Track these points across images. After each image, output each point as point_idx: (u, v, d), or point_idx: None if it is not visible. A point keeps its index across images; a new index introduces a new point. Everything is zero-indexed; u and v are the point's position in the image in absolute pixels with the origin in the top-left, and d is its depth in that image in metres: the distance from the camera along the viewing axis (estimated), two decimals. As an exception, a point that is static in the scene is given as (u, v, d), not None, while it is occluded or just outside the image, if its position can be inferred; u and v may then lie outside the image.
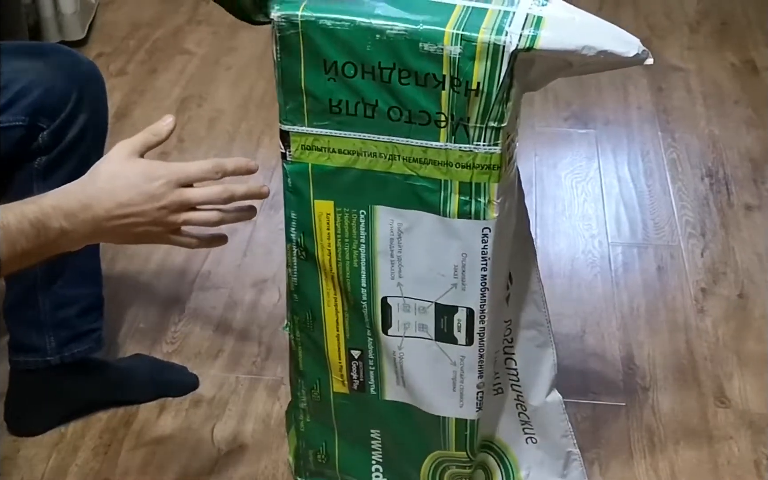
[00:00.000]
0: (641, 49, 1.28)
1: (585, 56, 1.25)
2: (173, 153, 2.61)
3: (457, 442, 1.55)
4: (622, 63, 1.28)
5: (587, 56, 1.25)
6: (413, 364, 1.49)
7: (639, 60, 1.28)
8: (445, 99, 1.29)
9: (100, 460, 1.80)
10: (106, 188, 1.26)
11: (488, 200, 1.34)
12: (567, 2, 1.33)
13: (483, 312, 1.43)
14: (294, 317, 1.53)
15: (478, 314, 1.43)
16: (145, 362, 1.98)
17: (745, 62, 3.02)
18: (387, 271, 1.44)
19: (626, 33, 1.29)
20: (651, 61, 1.29)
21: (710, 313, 2.12)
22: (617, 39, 1.28)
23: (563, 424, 1.62)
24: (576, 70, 1.32)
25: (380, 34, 1.27)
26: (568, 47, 1.25)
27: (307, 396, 1.59)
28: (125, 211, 1.26)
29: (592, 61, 1.27)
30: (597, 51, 1.25)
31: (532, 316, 1.55)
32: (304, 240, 1.45)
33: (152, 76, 2.95)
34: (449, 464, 1.58)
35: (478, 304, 1.42)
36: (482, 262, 1.39)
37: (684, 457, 1.81)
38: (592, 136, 2.71)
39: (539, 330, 1.56)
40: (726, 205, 2.43)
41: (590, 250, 2.30)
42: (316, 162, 1.38)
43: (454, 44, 1.25)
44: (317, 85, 1.33)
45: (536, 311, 1.55)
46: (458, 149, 1.32)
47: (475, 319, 1.44)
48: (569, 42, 1.25)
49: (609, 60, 1.27)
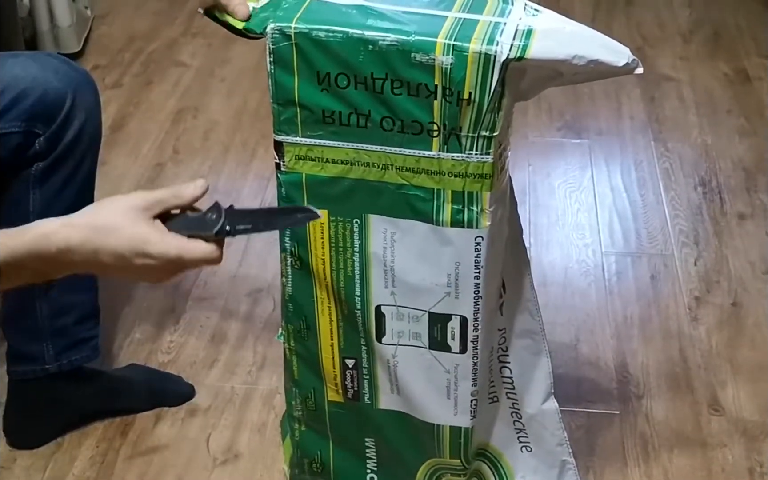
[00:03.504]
0: (631, 58, 1.29)
1: (575, 66, 1.26)
2: (168, 164, 2.62)
3: (452, 450, 1.55)
4: (613, 72, 1.29)
5: (577, 66, 1.26)
6: (407, 372, 1.50)
7: (629, 69, 1.29)
8: (437, 109, 1.30)
9: (97, 469, 1.81)
10: (104, 239, 1.18)
11: (481, 209, 1.35)
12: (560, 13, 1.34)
13: (477, 320, 1.44)
14: (288, 326, 1.54)
15: (472, 322, 1.44)
16: (141, 372, 1.99)
17: (737, 72, 3.03)
18: (380, 280, 1.44)
19: (616, 42, 1.30)
20: (641, 70, 1.30)
21: (704, 321, 2.13)
22: (607, 48, 1.29)
23: (559, 432, 1.63)
24: (566, 80, 1.33)
25: (373, 45, 1.28)
26: (559, 57, 1.26)
27: (302, 405, 1.60)
28: (120, 264, 1.20)
29: (583, 70, 1.27)
30: (587, 60, 1.26)
31: (526, 325, 1.56)
32: (298, 249, 1.46)
33: (147, 88, 2.96)
34: (444, 472, 1.59)
35: (472, 312, 1.43)
36: (475, 271, 1.40)
37: (678, 465, 1.81)
38: (585, 146, 2.72)
39: (533, 338, 1.57)
40: (719, 213, 2.44)
41: (584, 260, 2.31)
42: (310, 172, 1.39)
43: (445, 54, 1.26)
44: (311, 96, 1.34)
45: (530, 319, 1.55)
46: (450, 158, 1.33)
47: (468, 327, 1.44)
48: (560, 51, 1.26)
49: (599, 69, 1.28)
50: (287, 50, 1.31)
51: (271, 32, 1.31)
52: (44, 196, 1.71)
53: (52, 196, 1.71)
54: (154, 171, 2.60)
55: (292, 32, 1.30)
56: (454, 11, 1.31)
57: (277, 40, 1.31)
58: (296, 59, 1.32)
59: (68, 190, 1.72)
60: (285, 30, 1.30)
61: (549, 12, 1.33)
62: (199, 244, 1.18)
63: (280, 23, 1.31)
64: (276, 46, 1.32)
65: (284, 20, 1.31)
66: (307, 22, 1.30)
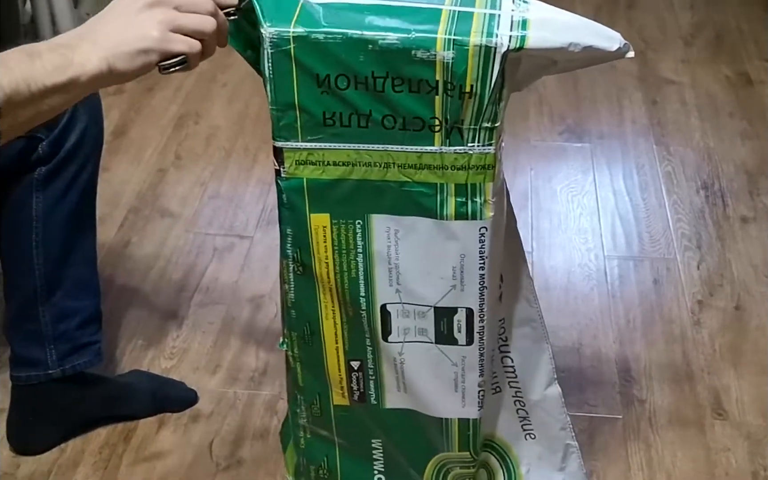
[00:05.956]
0: (623, 42, 1.32)
1: (571, 53, 1.29)
2: (170, 169, 2.62)
3: (461, 443, 1.55)
4: (606, 57, 1.32)
5: (573, 53, 1.29)
6: (414, 368, 1.50)
7: (621, 53, 1.32)
8: (438, 104, 1.30)
9: (100, 475, 1.81)
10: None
11: (484, 200, 1.36)
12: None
13: (482, 311, 1.44)
14: (291, 333, 1.53)
15: (478, 313, 1.44)
16: (144, 377, 1.99)
17: (739, 74, 3.03)
18: (385, 279, 1.44)
19: (608, 29, 1.33)
20: (632, 54, 1.34)
21: (707, 324, 2.13)
22: (600, 34, 1.32)
23: (562, 417, 1.63)
24: (560, 67, 1.36)
25: (372, 45, 1.28)
26: (555, 45, 1.28)
27: (307, 412, 1.59)
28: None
29: (577, 57, 1.30)
30: (582, 47, 1.29)
31: (524, 313, 1.56)
32: (300, 255, 1.45)
33: (149, 93, 2.96)
34: (453, 465, 1.59)
35: (478, 303, 1.43)
36: (480, 262, 1.40)
37: (681, 468, 1.81)
38: (587, 149, 2.72)
39: (533, 326, 1.57)
40: (722, 217, 2.44)
41: (586, 263, 2.31)
42: (311, 176, 1.38)
43: (446, 49, 1.26)
44: (310, 100, 1.33)
45: (528, 308, 1.56)
46: (453, 152, 1.33)
47: (474, 319, 1.44)
48: (556, 40, 1.28)
49: (593, 55, 1.31)
50: (286, 54, 1.31)
51: (269, 37, 1.30)
52: (47, 199, 1.71)
53: (55, 199, 1.72)
54: (156, 176, 2.60)
55: (290, 36, 1.29)
56: (447, 4, 1.31)
57: (276, 44, 1.30)
58: (295, 63, 1.31)
59: (71, 194, 1.73)
60: (283, 34, 1.30)
61: (537, 2, 1.35)
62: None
63: (278, 28, 1.30)
64: (274, 51, 1.31)
65: (282, 24, 1.30)
66: (306, 24, 1.29)
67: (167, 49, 1.18)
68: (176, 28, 1.18)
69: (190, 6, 1.20)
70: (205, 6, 1.21)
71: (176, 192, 2.55)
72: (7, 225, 1.75)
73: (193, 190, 2.56)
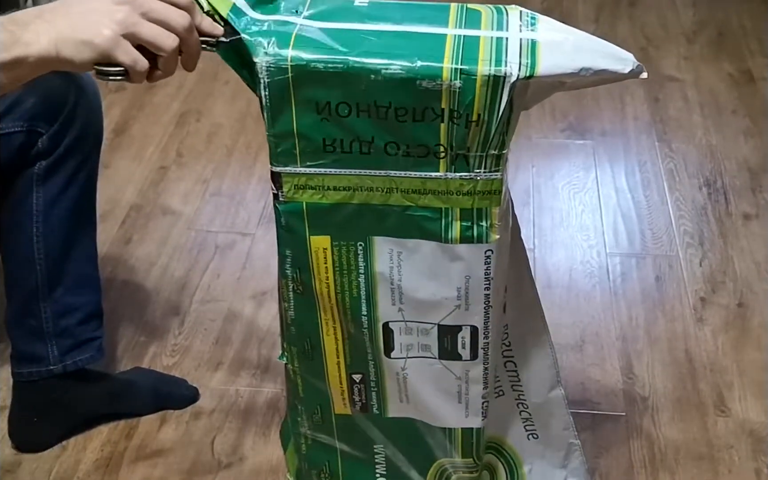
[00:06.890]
0: (636, 64, 1.27)
1: (582, 77, 1.24)
2: (172, 167, 2.62)
3: (464, 450, 1.54)
4: (618, 79, 1.28)
5: (584, 77, 1.24)
6: (417, 382, 1.48)
7: (634, 75, 1.27)
8: (444, 131, 1.26)
9: (102, 472, 1.81)
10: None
11: (490, 224, 1.32)
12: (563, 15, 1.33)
13: (487, 328, 1.41)
14: (291, 348, 1.49)
15: (482, 331, 1.42)
16: (146, 375, 1.98)
17: (741, 72, 3.03)
18: (387, 298, 1.40)
19: (620, 49, 1.28)
20: (645, 75, 1.28)
21: (709, 322, 2.12)
22: (612, 57, 1.27)
23: (565, 417, 1.62)
24: (569, 87, 1.31)
25: (375, 74, 1.22)
26: (566, 71, 1.24)
27: (308, 420, 1.57)
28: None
29: (588, 80, 1.26)
30: (594, 71, 1.24)
31: (528, 318, 1.55)
32: (300, 275, 1.40)
33: (151, 91, 2.96)
34: (455, 470, 1.58)
35: (482, 321, 1.41)
36: (485, 283, 1.37)
37: (684, 466, 1.81)
38: (589, 147, 2.71)
39: (535, 330, 1.56)
40: (724, 214, 2.44)
41: (588, 261, 2.30)
42: (311, 200, 1.33)
43: (453, 79, 1.22)
44: (309, 127, 1.28)
45: (531, 312, 1.54)
46: (458, 178, 1.29)
47: (479, 336, 1.42)
48: (567, 65, 1.24)
49: (605, 77, 1.26)
50: (283, 83, 1.25)
51: (265, 65, 1.24)
52: (47, 194, 1.71)
53: (55, 194, 1.72)
54: (158, 174, 2.60)
55: (288, 65, 1.24)
56: (450, 27, 1.27)
57: (273, 73, 1.25)
58: (293, 91, 1.26)
59: (71, 189, 1.73)
60: (280, 63, 1.24)
61: (546, 18, 1.30)
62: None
63: (274, 56, 1.24)
64: (271, 80, 1.25)
65: (280, 47, 1.24)
66: (304, 49, 1.24)
67: (109, 54, 1.11)
68: (132, 33, 1.12)
69: (160, 15, 1.13)
70: (179, 21, 1.15)
71: (178, 189, 2.55)
72: (7, 220, 1.75)
73: (194, 188, 2.56)
